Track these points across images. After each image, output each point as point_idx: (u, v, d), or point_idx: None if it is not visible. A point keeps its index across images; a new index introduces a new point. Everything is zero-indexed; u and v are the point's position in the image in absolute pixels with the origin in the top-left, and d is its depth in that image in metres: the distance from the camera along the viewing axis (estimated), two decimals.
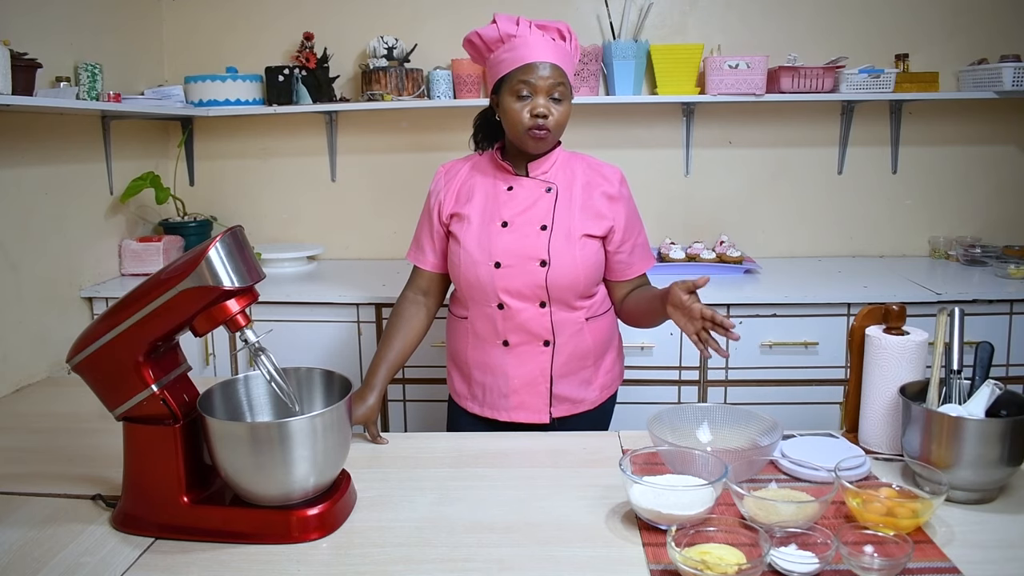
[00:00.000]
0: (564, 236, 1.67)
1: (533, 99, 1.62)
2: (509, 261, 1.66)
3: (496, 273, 1.66)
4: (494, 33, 1.65)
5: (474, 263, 1.68)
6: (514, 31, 1.63)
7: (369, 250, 3.19)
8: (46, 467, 1.48)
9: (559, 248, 1.66)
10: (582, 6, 2.98)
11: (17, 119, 2.23)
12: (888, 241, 3.08)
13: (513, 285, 1.67)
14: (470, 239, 1.69)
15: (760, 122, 3.00)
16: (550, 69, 1.61)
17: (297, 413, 1.22)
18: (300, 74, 2.89)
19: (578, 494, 1.34)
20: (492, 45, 1.67)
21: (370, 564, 1.14)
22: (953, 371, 1.35)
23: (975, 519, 1.22)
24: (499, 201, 1.71)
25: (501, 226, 1.68)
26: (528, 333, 1.70)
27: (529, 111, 1.62)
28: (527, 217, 1.69)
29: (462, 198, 1.74)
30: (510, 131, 1.67)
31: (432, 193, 1.79)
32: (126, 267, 2.76)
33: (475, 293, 1.70)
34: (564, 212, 1.69)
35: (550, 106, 1.62)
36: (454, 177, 1.78)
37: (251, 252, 1.23)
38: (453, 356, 1.83)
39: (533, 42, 1.62)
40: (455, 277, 1.74)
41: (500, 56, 1.65)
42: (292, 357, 1.36)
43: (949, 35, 2.92)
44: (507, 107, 1.64)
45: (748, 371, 2.50)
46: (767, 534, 1.07)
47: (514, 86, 1.62)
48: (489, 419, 1.77)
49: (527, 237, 1.67)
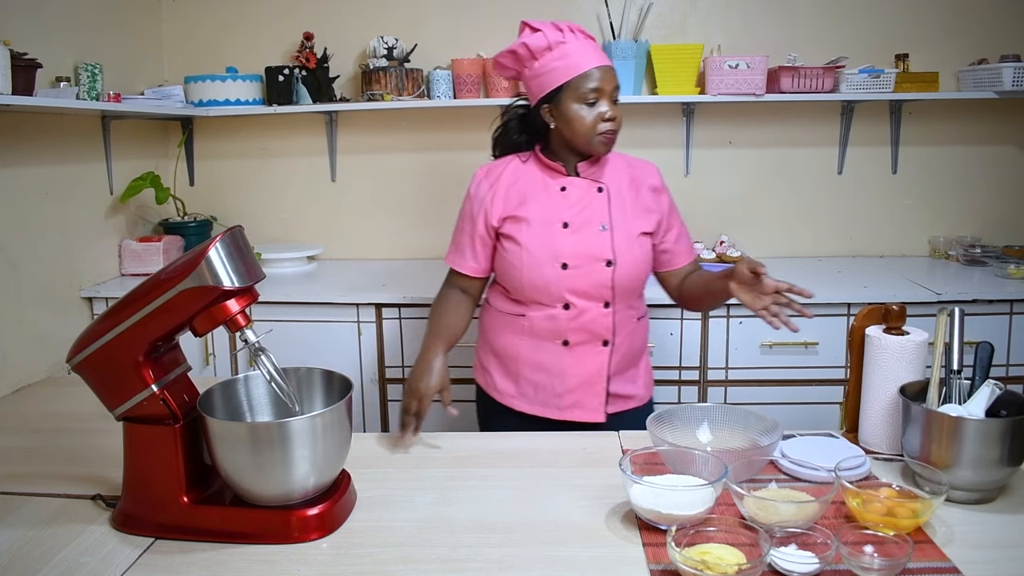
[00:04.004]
0: (625, 235, 1.70)
1: (600, 104, 1.64)
2: (576, 262, 1.67)
3: (563, 274, 1.67)
4: (542, 42, 1.66)
5: (539, 264, 1.67)
6: (561, 38, 1.65)
7: (369, 250, 3.19)
8: (46, 467, 1.48)
9: (622, 247, 1.69)
10: (582, 6, 2.98)
11: (17, 119, 2.23)
12: (888, 241, 3.08)
13: (580, 286, 1.67)
14: (533, 241, 1.69)
15: (760, 122, 3.00)
16: (609, 72, 1.65)
17: (297, 413, 1.22)
18: (300, 74, 2.89)
19: (578, 494, 1.33)
20: (539, 54, 1.67)
21: (370, 564, 1.14)
22: (953, 371, 1.35)
23: (975, 519, 1.22)
24: (555, 202, 1.71)
25: (563, 227, 1.68)
26: (590, 333, 1.70)
27: (599, 116, 1.64)
28: (586, 217, 1.70)
29: (513, 200, 1.73)
30: (576, 137, 1.67)
31: (474, 197, 1.77)
32: (126, 267, 2.76)
33: (539, 294, 1.69)
34: (620, 211, 1.72)
35: (613, 108, 1.66)
36: (498, 179, 1.76)
37: (251, 252, 1.23)
38: (498, 354, 1.80)
39: (583, 47, 1.65)
40: (515, 279, 1.71)
41: (550, 64, 1.66)
42: (292, 357, 1.36)
43: (949, 35, 2.92)
44: (572, 114, 1.65)
45: (748, 371, 2.50)
46: (767, 534, 1.07)
47: (582, 93, 1.63)
48: (539, 418, 1.75)
49: (591, 237, 1.68)
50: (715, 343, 2.50)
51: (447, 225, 3.41)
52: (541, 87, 1.68)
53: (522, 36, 1.70)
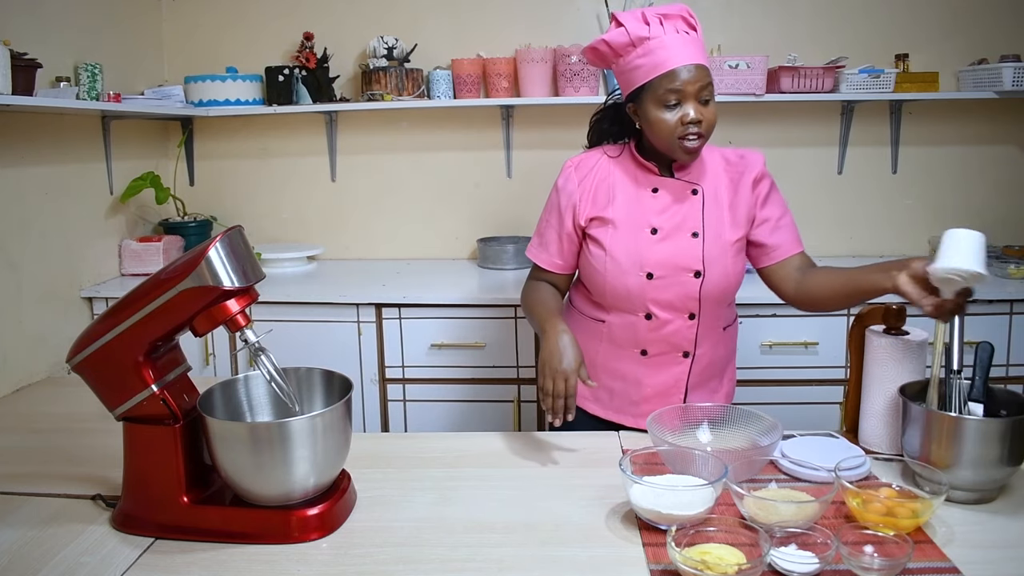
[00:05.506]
0: (716, 244, 1.59)
1: (682, 107, 1.51)
2: (662, 272, 1.58)
3: (648, 284, 1.58)
4: (623, 38, 1.53)
5: (623, 272, 1.59)
6: (646, 32, 1.51)
7: (369, 250, 3.19)
8: (46, 467, 1.48)
9: (712, 257, 1.58)
10: (582, 6, 2.98)
11: (17, 119, 2.23)
12: (888, 241, 3.07)
13: (664, 297, 1.59)
14: (618, 247, 1.60)
15: (760, 122, 3.00)
16: (695, 71, 1.49)
17: (297, 413, 1.22)
18: (300, 74, 2.89)
19: (578, 494, 1.33)
20: (622, 50, 1.55)
21: (370, 564, 1.14)
22: (953, 371, 1.35)
23: (975, 519, 1.22)
24: (644, 205, 1.61)
25: (651, 233, 1.59)
26: (670, 344, 1.63)
27: (680, 120, 1.51)
28: (677, 223, 1.59)
29: (601, 199, 1.63)
30: (658, 142, 1.56)
31: (562, 191, 1.66)
32: (126, 267, 2.76)
33: (621, 302, 1.62)
34: (713, 216, 1.60)
35: (701, 110, 1.51)
36: (588, 174, 1.65)
37: (251, 252, 1.23)
38: None
39: (670, 43, 1.50)
40: (598, 283, 1.63)
41: (634, 62, 1.53)
42: (292, 357, 1.36)
43: (949, 35, 2.92)
44: (653, 117, 1.53)
45: (748, 371, 2.50)
46: (767, 534, 1.07)
47: (660, 95, 1.50)
48: (610, 422, 1.70)
49: (680, 246, 1.58)
50: None
51: (447, 225, 3.40)
52: (626, 86, 1.58)
53: (607, 32, 1.57)
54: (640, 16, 1.53)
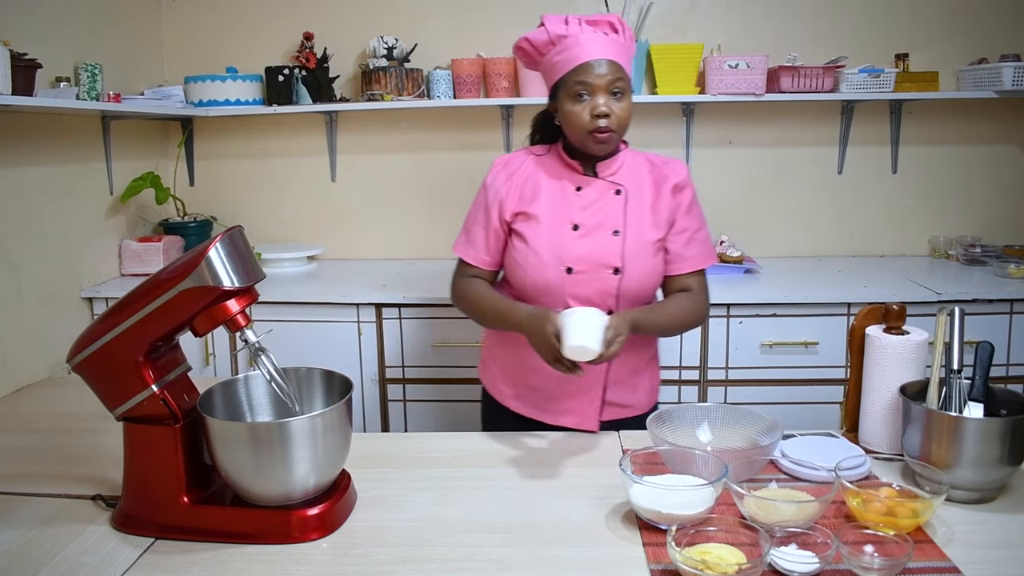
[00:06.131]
0: (637, 242, 1.62)
1: (592, 99, 1.55)
2: (582, 267, 1.61)
3: (567, 279, 1.61)
4: (543, 36, 1.59)
5: (544, 266, 1.61)
6: (564, 31, 1.57)
7: (369, 250, 3.19)
8: (46, 467, 1.48)
9: (632, 255, 1.62)
10: (582, 6, 2.98)
11: (17, 119, 2.23)
12: (888, 241, 3.08)
13: (583, 292, 1.61)
14: (540, 241, 1.62)
15: (760, 122, 3.00)
16: (606, 66, 1.54)
17: (297, 413, 1.22)
18: (300, 74, 2.89)
19: (578, 494, 1.34)
20: (543, 49, 1.61)
21: (370, 564, 1.14)
22: (953, 371, 1.35)
23: (975, 519, 1.22)
24: (568, 202, 1.64)
25: (572, 229, 1.62)
26: None
27: (589, 112, 1.55)
28: (599, 221, 1.63)
29: (527, 195, 1.66)
30: (572, 135, 1.61)
31: (490, 187, 1.70)
32: (126, 267, 2.76)
33: (541, 297, 1.63)
34: (635, 216, 1.64)
35: (611, 103, 1.55)
36: (516, 171, 1.69)
37: (251, 252, 1.23)
38: (497, 353, 1.77)
39: (585, 40, 1.55)
40: (519, 277, 1.66)
41: (552, 59, 1.59)
42: (292, 357, 1.35)
43: (949, 35, 2.92)
44: (566, 110, 1.58)
45: (748, 371, 2.50)
46: (767, 534, 1.07)
47: (571, 88, 1.55)
48: (532, 420, 1.71)
49: (600, 242, 1.61)
50: (715, 343, 2.50)
51: (447, 225, 3.40)
52: (549, 84, 1.63)
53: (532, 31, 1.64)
54: (563, 19, 1.59)
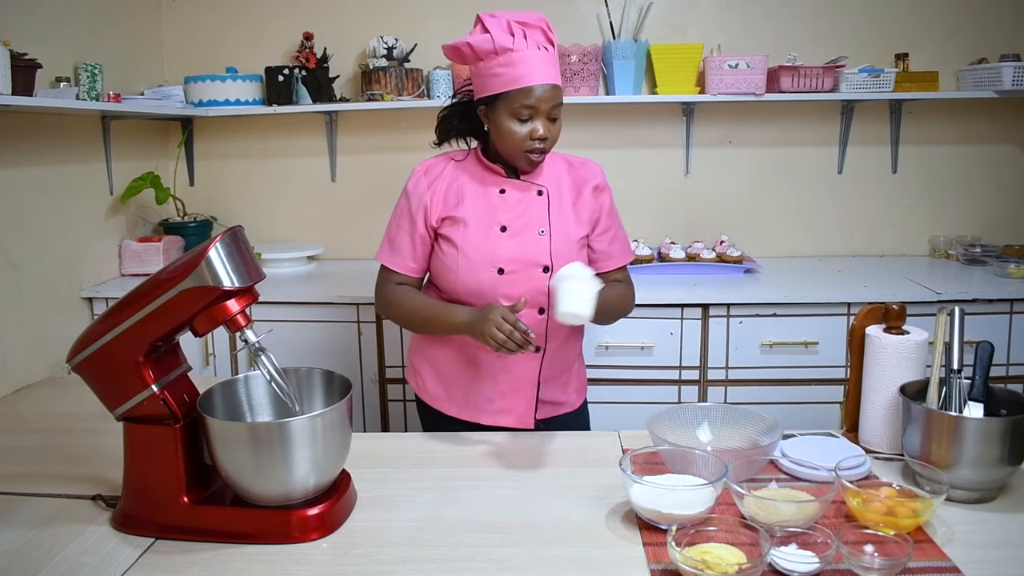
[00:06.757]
0: (563, 240, 1.66)
1: (533, 122, 1.58)
2: (512, 267, 1.63)
3: (499, 279, 1.63)
4: (488, 45, 1.59)
5: (475, 268, 1.64)
6: (510, 44, 1.57)
7: (369, 250, 3.14)
8: (46, 467, 1.48)
9: (559, 253, 1.65)
10: (582, 6, 2.98)
11: (17, 119, 2.23)
12: (888, 241, 3.08)
13: (515, 292, 1.62)
14: (469, 244, 1.65)
15: (760, 122, 3.00)
16: (550, 91, 1.58)
17: (297, 413, 1.22)
18: (300, 74, 2.89)
19: (578, 494, 1.34)
20: (484, 56, 1.61)
21: (370, 564, 1.14)
22: (953, 371, 1.35)
23: (975, 519, 1.22)
24: (493, 205, 1.67)
25: (500, 230, 1.65)
26: None
27: (530, 134, 1.59)
28: (524, 222, 1.66)
29: (451, 200, 1.68)
30: (505, 150, 1.63)
31: (412, 194, 1.72)
32: (126, 267, 2.76)
33: (473, 298, 1.65)
34: (559, 216, 1.68)
35: (548, 127, 1.60)
36: (438, 177, 1.71)
37: (251, 252, 1.23)
38: (428, 357, 1.77)
39: (531, 59, 1.57)
40: (450, 281, 1.67)
41: (494, 69, 1.59)
42: (292, 357, 1.36)
43: (949, 35, 2.92)
44: (504, 127, 1.60)
45: (748, 371, 2.50)
46: (767, 534, 1.07)
47: (515, 108, 1.57)
48: (468, 422, 1.71)
49: (528, 242, 1.65)
50: (715, 343, 2.50)
51: None
52: (481, 89, 1.63)
53: (471, 34, 1.63)
54: (506, 26, 1.58)
